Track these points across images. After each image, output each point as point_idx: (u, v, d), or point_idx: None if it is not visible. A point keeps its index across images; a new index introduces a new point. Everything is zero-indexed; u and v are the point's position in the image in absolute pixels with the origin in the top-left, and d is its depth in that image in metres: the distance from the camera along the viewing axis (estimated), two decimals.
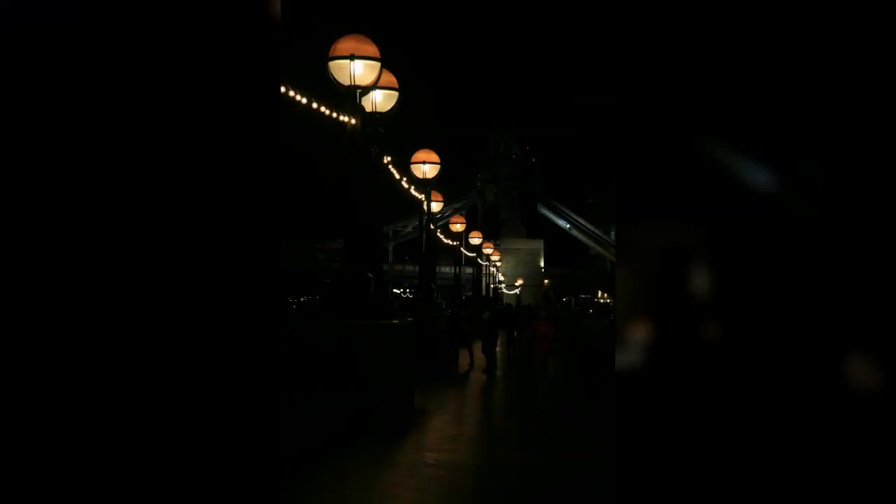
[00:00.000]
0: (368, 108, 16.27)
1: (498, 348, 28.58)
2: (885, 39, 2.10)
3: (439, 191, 27.58)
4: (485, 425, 15.69)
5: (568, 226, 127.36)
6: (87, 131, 1.86)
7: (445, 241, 46.31)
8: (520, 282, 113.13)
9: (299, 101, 14.88)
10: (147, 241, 1.90)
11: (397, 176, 24.19)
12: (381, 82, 15.58)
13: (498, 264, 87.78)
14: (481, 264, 61.43)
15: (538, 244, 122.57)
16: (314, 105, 15.08)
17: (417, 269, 33.37)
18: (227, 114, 2.07)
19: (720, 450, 2.27)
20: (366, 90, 14.62)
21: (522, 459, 11.96)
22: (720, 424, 2.27)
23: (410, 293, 63.66)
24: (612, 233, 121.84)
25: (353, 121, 14.53)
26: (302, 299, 79.63)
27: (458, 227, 42.48)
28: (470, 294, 56.84)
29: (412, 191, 26.03)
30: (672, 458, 2.35)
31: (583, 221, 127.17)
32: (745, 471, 2.23)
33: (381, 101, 16.99)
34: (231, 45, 2.08)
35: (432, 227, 28.63)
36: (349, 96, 14.34)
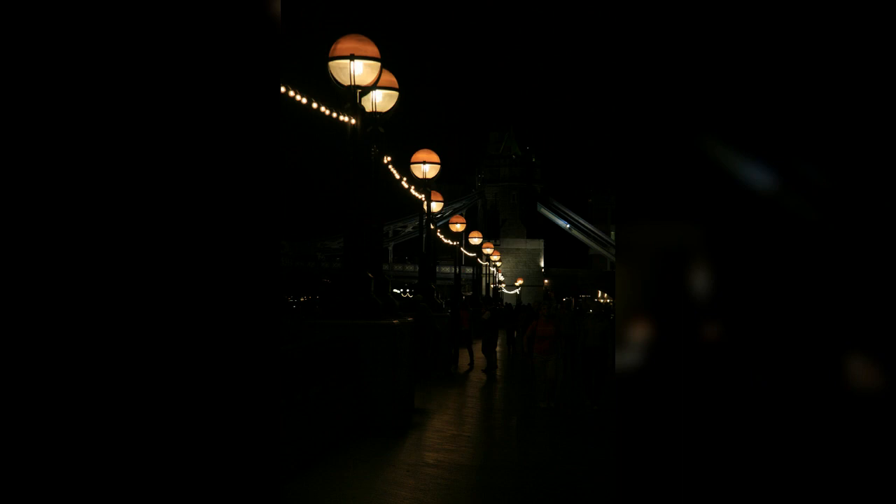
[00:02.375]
0: (368, 108, 16.26)
1: (498, 348, 28.56)
2: (885, 39, 2.10)
3: (439, 191, 27.55)
4: (485, 425, 15.69)
5: (568, 226, 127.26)
6: (84, 132, 1.85)
7: (445, 241, 46.26)
8: (520, 282, 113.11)
9: (299, 101, 14.88)
10: (146, 242, 1.90)
11: (397, 176, 24.17)
12: (381, 82, 15.58)
13: (498, 264, 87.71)
14: (481, 264, 61.38)
15: (538, 244, 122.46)
16: (314, 105, 15.08)
17: (417, 269, 33.33)
18: (227, 114, 2.07)
19: (720, 450, 2.27)
20: (366, 90, 14.60)
21: (522, 459, 11.95)
22: (720, 425, 2.27)
23: (410, 293, 63.63)
24: (612, 233, 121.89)
25: (354, 121, 14.53)
26: (302, 299, 79.58)
27: (458, 227, 42.42)
28: (470, 294, 56.83)
29: (412, 191, 26.00)
30: (672, 458, 2.35)
31: (583, 221, 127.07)
32: (744, 471, 2.23)
33: (381, 101, 16.98)
34: (231, 45, 2.08)
35: (432, 227, 28.61)
36: (349, 96, 14.33)
